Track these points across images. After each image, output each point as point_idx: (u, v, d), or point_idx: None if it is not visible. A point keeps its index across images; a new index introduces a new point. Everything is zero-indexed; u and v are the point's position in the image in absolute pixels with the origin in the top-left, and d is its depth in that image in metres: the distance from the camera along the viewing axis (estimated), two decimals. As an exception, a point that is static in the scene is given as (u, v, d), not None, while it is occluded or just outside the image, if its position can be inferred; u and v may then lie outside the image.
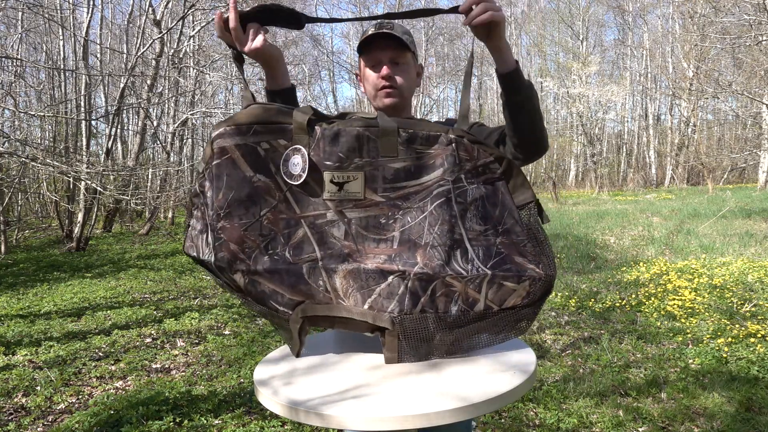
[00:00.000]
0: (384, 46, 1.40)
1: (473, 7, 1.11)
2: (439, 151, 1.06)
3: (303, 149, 1.07)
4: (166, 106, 14.00)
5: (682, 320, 4.08)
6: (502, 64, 1.20)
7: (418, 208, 1.06)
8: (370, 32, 1.41)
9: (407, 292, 1.06)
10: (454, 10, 1.15)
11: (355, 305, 1.07)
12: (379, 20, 1.35)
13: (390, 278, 1.05)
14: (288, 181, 1.07)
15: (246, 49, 1.19)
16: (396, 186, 1.07)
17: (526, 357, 1.13)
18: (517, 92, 1.21)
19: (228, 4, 1.19)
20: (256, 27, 1.19)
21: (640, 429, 2.55)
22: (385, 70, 1.39)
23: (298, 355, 1.18)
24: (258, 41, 1.18)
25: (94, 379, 3.41)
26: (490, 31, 1.13)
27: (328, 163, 1.06)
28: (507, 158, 1.08)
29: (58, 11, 11.72)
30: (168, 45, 12.70)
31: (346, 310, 1.08)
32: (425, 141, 1.07)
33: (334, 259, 1.07)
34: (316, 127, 1.07)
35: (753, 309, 4.24)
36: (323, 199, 1.07)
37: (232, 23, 1.17)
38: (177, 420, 2.72)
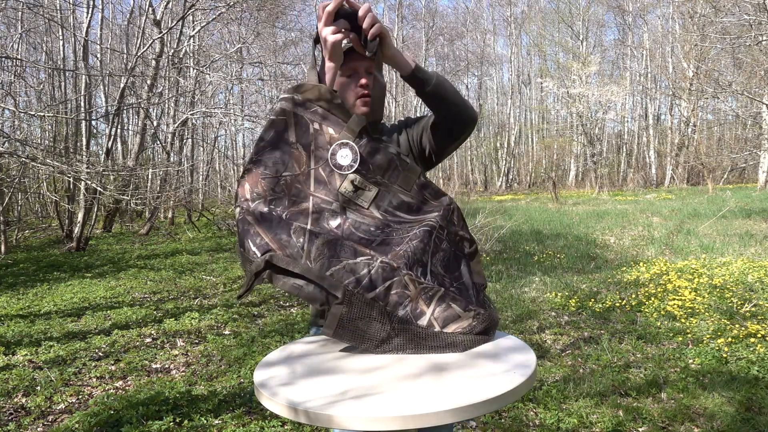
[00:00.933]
0: (360, 58, 1.48)
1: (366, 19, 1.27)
2: (438, 205, 1.26)
3: (354, 145, 1.21)
4: (166, 106, 14.01)
5: (682, 320, 4.08)
6: (402, 70, 1.38)
7: (406, 230, 1.23)
8: (344, 45, 1.51)
9: (368, 275, 1.15)
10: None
11: (319, 270, 1.15)
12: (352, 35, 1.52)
13: (359, 258, 1.17)
14: (337, 171, 1.22)
15: (322, 32, 1.27)
16: (396, 213, 1.24)
17: (526, 357, 1.13)
18: (426, 85, 1.38)
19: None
20: (344, 24, 1.28)
21: (640, 429, 2.55)
22: (363, 79, 1.49)
23: (239, 298, 1.25)
24: (332, 34, 1.26)
25: (94, 379, 3.41)
26: (381, 43, 1.30)
27: (361, 168, 1.22)
28: (476, 243, 1.29)
29: (58, 11, 11.73)
30: (168, 45, 12.70)
31: (308, 271, 1.16)
32: (434, 193, 1.27)
33: (320, 231, 1.20)
34: (364, 136, 1.23)
35: (753, 309, 4.23)
36: (338, 191, 1.21)
37: (330, 6, 1.24)
38: (177, 420, 2.72)
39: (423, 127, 1.54)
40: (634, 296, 4.84)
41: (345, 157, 1.20)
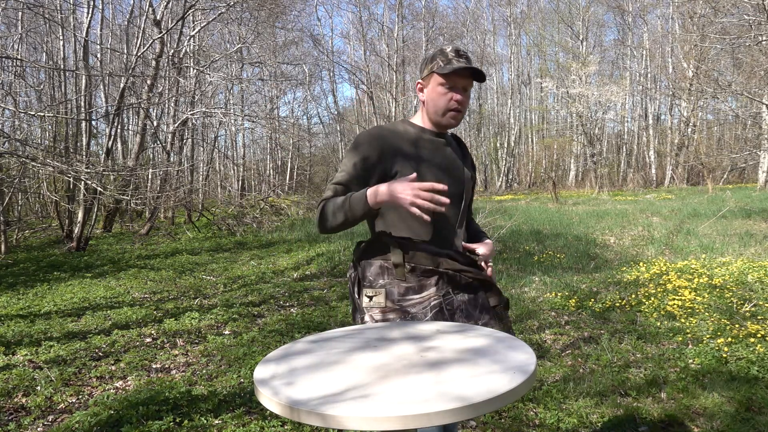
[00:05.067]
0: (464, 74, 1.62)
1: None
2: (432, 275, 1.59)
3: (357, 275, 1.67)
4: (166, 106, 14.00)
5: (682, 320, 4.08)
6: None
7: (423, 314, 1.58)
8: (454, 63, 1.60)
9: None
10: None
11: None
12: (454, 47, 1.65)
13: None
14: (355, 294, 1.67)
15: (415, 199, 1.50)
16: (405, 298, 1.59)
17: (526, 357, 1.13)
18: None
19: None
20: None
21: (640, 429, 2.55)
22: (459, 96, 1.63)
23: None
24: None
25: (94, 379, 3.41)
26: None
27: (364, 283, 1.63)
28: (485, 278, 1.64)
29: (58, 11, 11.72)
30: (168, 45, 12.70)
31: None
32: (423, 272, 1.59)
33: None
34: (361, 261, 1.65)
35: (753, 309, 4.24)
36: (364, 306, 1.63)
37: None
38: (177, 420, 2.72)
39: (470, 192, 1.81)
40: (634, 296, 4.84)
41: (353, 284, 1.68)
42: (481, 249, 1.73)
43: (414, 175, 1.47)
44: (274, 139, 24.63)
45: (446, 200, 1.42)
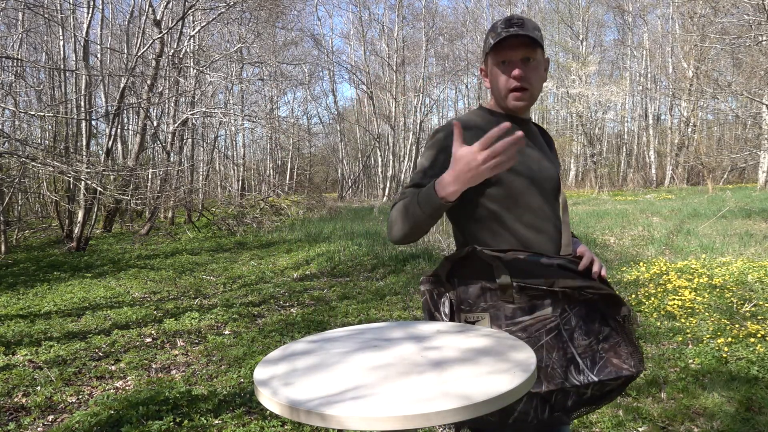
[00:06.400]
0: (516, 44, 1.39)
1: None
2: (546, 294, 1.36)
3: (450, 297, 1.44)
4: (166, 106, 14.01)
5: (682, 320, 4.08)
6: None
7: (535, 338, 1.35)
8: (502, 34, 1.37)
9: (539, 403, 1.34)
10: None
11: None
12: (506, 18, 1.40)
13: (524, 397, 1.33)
14: (444, 319, 1.47)
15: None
16: (514, 321, 1.36)
17: (526, 357, 1.13)
18: None
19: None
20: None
21: (640, 429, 2.55)
22: (517, 70, 1.39)
23: None
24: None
25: (94, 379, 3.41)
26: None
27: (462, 306, 1.41)
28: (607, 293, 1.37)
29: (59, 11, 11.72)
30: (168, 45, 12.70)
31: None
32: (535, 290, 1.35)
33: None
34: (454, 279, 1.43)
35: (753, 309, 4.24)
36: None
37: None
38: (177, 420, 2.72)
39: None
40: (634, 296, 4.84)
41: (446, 307, 1.45)
42: (581, 248, 1.51)
43: (476, 146, 1.16)
44: (274, 139, 24.66)
45: (521, 133, 1.13)
